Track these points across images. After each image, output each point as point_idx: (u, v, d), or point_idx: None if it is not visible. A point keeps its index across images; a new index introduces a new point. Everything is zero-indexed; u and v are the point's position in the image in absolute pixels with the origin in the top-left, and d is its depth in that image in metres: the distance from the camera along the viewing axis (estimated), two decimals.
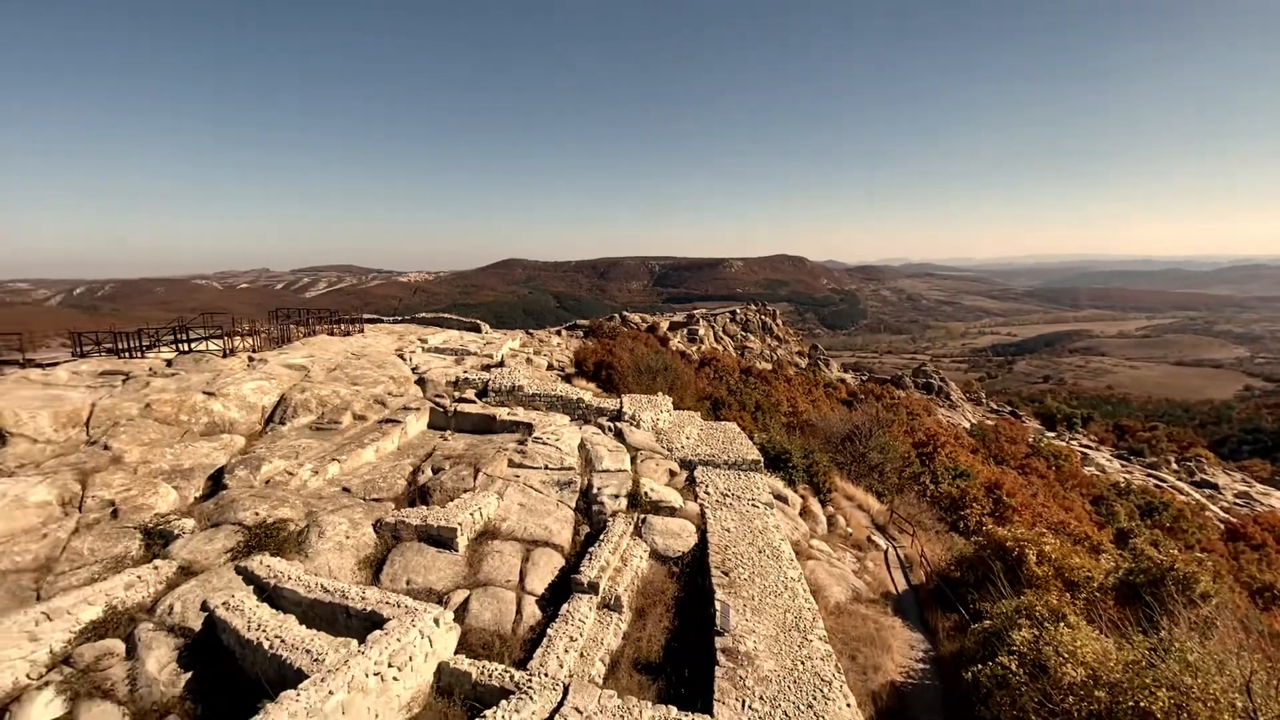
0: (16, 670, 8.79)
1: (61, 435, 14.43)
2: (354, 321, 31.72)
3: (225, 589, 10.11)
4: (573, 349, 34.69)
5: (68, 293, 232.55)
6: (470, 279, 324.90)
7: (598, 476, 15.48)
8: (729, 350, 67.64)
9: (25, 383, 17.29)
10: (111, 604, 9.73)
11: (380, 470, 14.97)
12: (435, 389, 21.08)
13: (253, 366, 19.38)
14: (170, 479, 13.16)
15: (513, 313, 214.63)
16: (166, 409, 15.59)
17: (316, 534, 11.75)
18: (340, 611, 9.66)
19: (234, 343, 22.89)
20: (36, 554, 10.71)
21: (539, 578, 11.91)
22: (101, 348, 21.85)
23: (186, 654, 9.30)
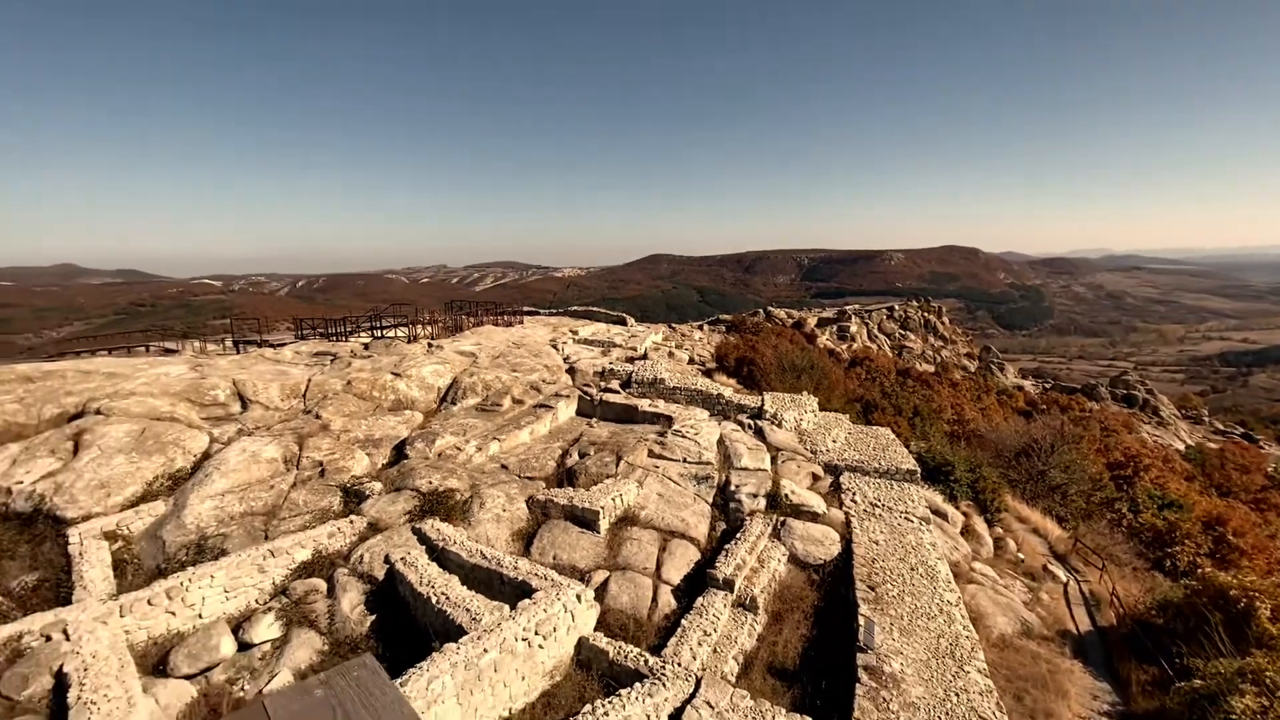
0: (249, 595, 10.76)
1: (286, 404, 17.34)
2: (515, 314, 34.37)
3: (403, 546, 11.51)
4: (714, 344, 34.60)
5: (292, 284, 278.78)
6: (618, 274, 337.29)
7: (736, 474, 15.30)
8: (884, 350, 63.25)
9: (262, 360, 21.02)
10: (318, 549, 11.52)
11: (533, 451, 16.10)
12: (583, 378, 22.18)
13: (431, 352, 21.80)
14: (364, 446, 15.24)
15: (656, 307, 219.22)
16: (363, 386, 18.07)
17: (478, 505, 12.94)
18: (495, 578, 10.55)
19: (416, 330, 25.91)
20: (266, 501, 12.98)
21: (675, 568, 12.08)
22: (316, 332, 25.86)
23: (372, 598, 10.74)
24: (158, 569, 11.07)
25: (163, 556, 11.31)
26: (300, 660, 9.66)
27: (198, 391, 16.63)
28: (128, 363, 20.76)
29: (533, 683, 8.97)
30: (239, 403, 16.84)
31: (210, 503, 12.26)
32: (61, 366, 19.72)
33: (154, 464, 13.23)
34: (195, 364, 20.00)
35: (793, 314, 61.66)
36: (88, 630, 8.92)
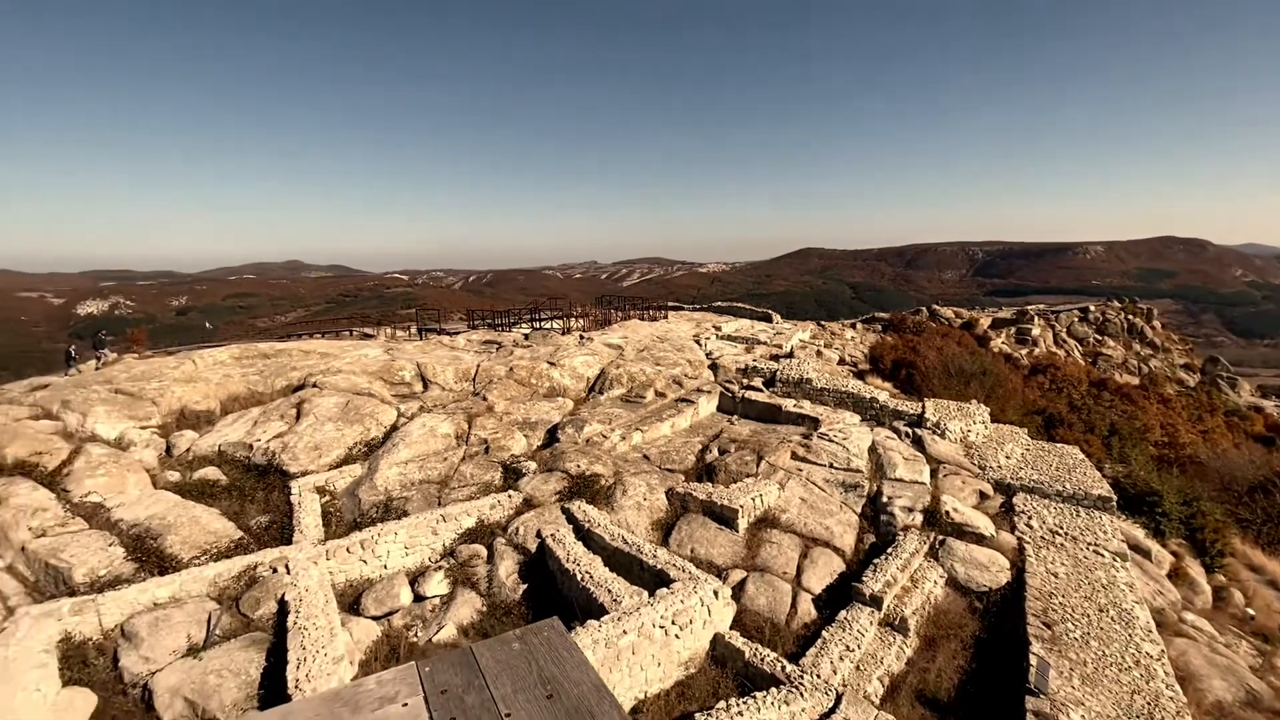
0: (424, 553, 12.13)
1: (458, 386, 19.29)
2: (660, 308, 35.07)
3: (553, 523, 12.29)
4: (868, 344, 32.56)
5: (465, 279, 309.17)
6: (763, 269, 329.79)
7: (889, 485, 14.31)
8: (1074, 357, 55.31)
9: (440, 346, 23.54)
10: (481, 518, 12.69)
11: (674, 444, 16.34)
12: (725, 374, 22.04)
13: (582, 344, 22.99)
14: (522, 428, 16.49)
15: (804, 303, 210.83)
16: (522, 373, 19.54)
17: (621, 491, 13.43)
18: (635, 563, 10.89)
19: (569, 323, 27.46)
20: (440, 471, 14.55)
21: (816, 576, 11.62)
22: (484, 322, 28.42)
23: (524, 568, 11.62)
24: (354, 522, 12.91)
25: (358, 512, 13.16)
26: (463, 617, 10.73)
27: (389, 372, 19.08)
28: (336, 345, 24.39)
29: (668, 670, 9.14)
30: (421, 383, 19.07)
31: (396, 469, 14.02)
32: (288, 346, 23.67)
33: (354, 432, 15.41)
34: (387, 348, 22.96)
35: (961, 313, 56.06)
36: (302, 568, 10.66)
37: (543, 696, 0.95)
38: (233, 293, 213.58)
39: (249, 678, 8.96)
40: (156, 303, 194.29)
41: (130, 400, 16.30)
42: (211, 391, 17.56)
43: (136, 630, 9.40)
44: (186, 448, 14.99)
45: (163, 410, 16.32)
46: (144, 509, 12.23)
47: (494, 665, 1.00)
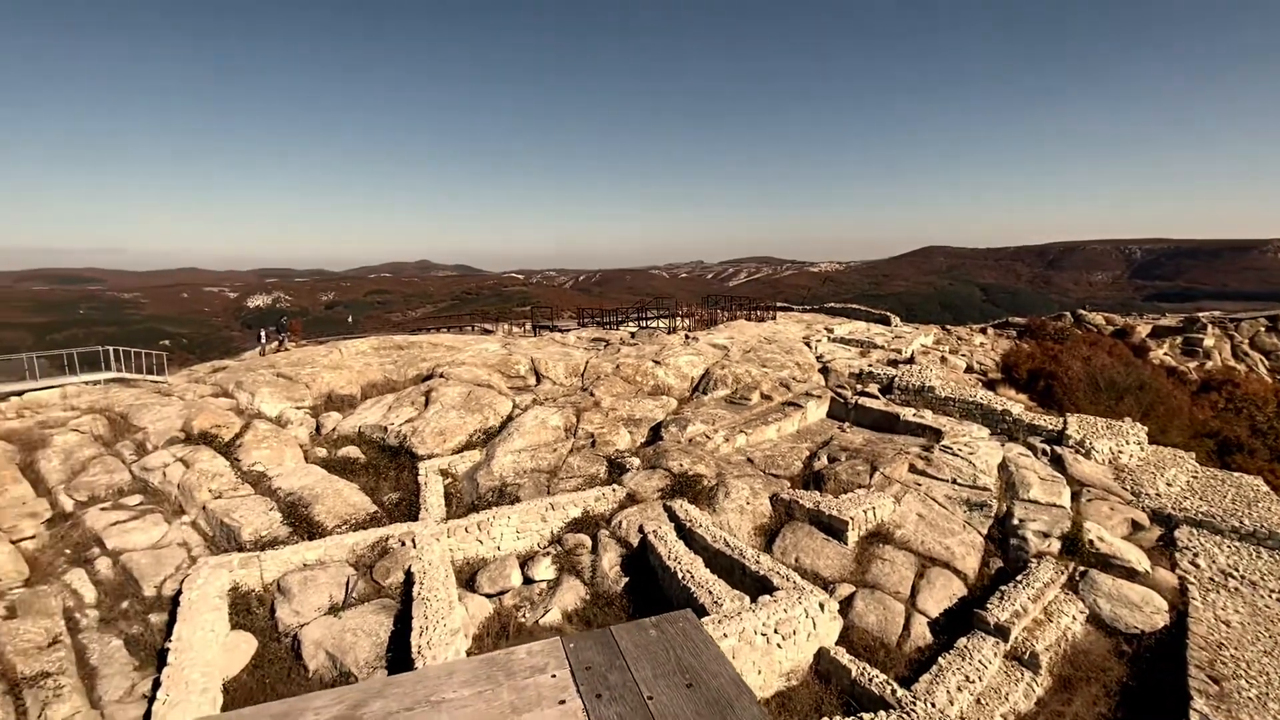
0: (533, 538, 12.71)
1: (568, 381, 20.01)
2: (768, 309, 34.32)
3: (655, 520, 12.42)
4: (1000, 351, 29.88)
5: (575, 279, 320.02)
6: (880, 269, 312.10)
7: (1021, 506, 13.05)
8: (1259, 372, 47.46)
9: (552, 342, 24.54)
10: (586, 510, 13.09)
11: (780, 449, 15.93)
12: (837, 379, 21.15)
13: (687, 343, 23.03)
14: (627, 424, 16.81)
15: (926, 305, 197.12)
16: (628, 370, 19.92)
17: (723, 493, 13.31)
18: (737, 567, 10.75)
19: (675, 323, 27.60)
20: (550, 462, 15.18)
21: (933, 599, 10.85)
22: (593, 320, 29.25)
23: (626, 562, 11.84)
24: (472, 504, 13.80)
25: (476, 495, 14.05)
26: (567, 603, 11.13)
27: (506, 365, 20.19)
28: (460, 339, 26.18)
29: (768, 679, 8.93)
30: (534, 377, 20.00)
31: (510, 457, 14.81)
32: (419, 339, 25.72)
33: (475, 420, 16.46)
34: (505, 343, 24.31)
35: (1113, 319, 49.92)
36: (427, 543, 11.55)
37: (682, 684, 0.96)
38: (372, 289, 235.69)
39: (379, 639, 9.86)
40: (310, 297, 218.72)
41: (288, 384, 18.48)
42: (354, 378, 19.48)
43: (289, 586, 10.64)
44: (332, 427, 16.75)
45: (314, 393, 18.34)
46: (297, 480, 13.82)
47: (633, 649, 1.03)
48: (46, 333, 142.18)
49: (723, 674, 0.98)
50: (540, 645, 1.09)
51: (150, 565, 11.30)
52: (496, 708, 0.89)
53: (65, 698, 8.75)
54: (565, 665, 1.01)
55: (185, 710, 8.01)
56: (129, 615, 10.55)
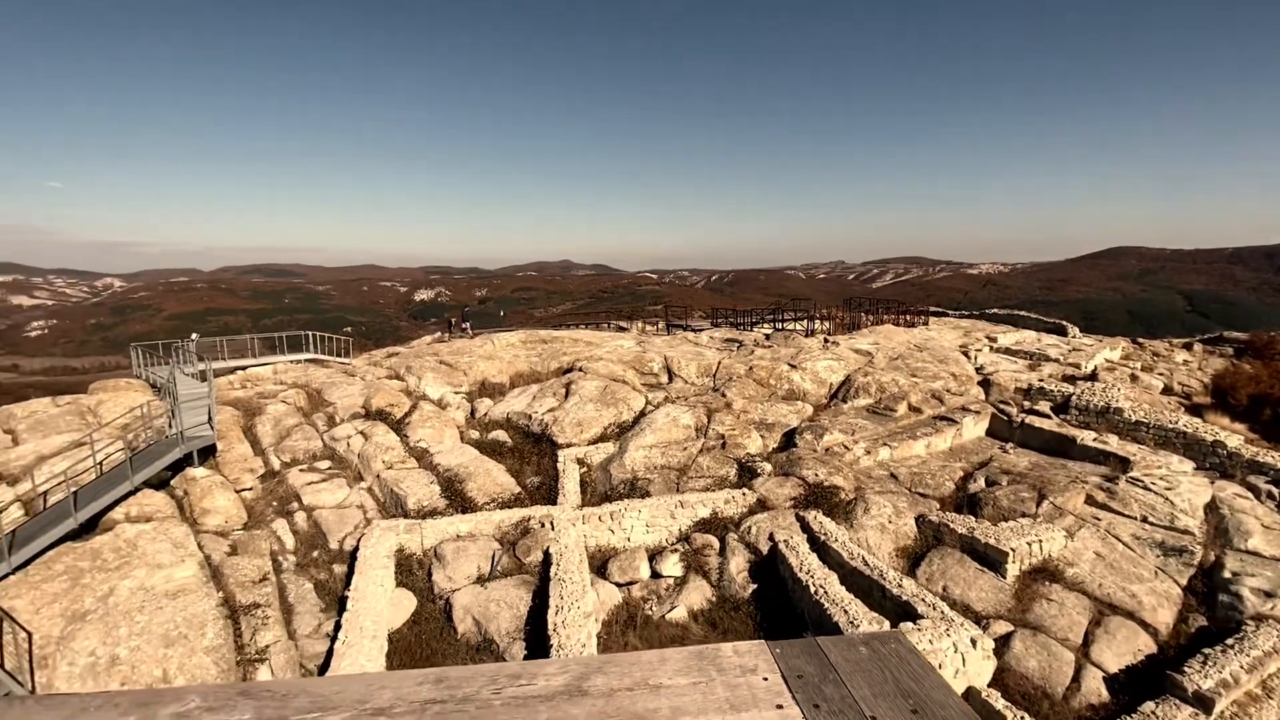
0: (662, 534, 12.88)
1: (699, 381, 20.04)
2: (918, 313, 31.87)
3: (786, 529, 12.05)
4: (1210, 371, 25.22)
5: (707, 279, 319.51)
6: (1054, 271, 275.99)
7: (1235, 557, 10.95)
8: None
9: (685, 341, 24.71)
10: (715, 511, 13.03)
11: (929, 466, 14.73)
12: (1000, 393, 19.11)
13: (826, 347, 22.06)
14: (758, 428, 16.48)
15: (1111, 314, 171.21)
16: (761, 373, 19.51)
17: (862, 509, 12.58)
18: (876, 588, 10.11)
19: (813, 325, 26.55)
20: (680, 460, 15.30)
21: (1111, 651, 9.46)
22: (727, 321, 29.02)
23: (754, 568, 11.61)
24: (604, 494, 14.31)
25: (608, 486, 14.55)
26: (693, 602, 11.16)
27: (640, 362, 20.68)
28: (597, 335, 27.23)
29: None
30: (667, 375, 20.28)
31: (641, 452, 15.14)
32: (560, 334, 27.12)
33: (609, 414, 17.04)
34: (639, 340, 24.91)
35: None
36: (564, 527, 12.16)
37: (906, 709, 0.90)
38: (519, 286, 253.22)
39: (519, 612, 10.55)
40: (466, 293, 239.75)
41: (449, 370, 20.37)
42: (504, 368, 21.03)
43: (444, 554, 11.73)
44: (484, 412, 18.21)
45: (470, 380, 20.05)
46: (454, 458, 15.19)
47: (845, 664, 0.99)
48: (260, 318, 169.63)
49: (951, 705, 0.90)
50: (746, 646, 1.08)
51: (335, 522, 13.04)
52: (713, 701, 0.89)
53: (270, 627, 10.36)
54: (775, 670, 0.99)
55: (360, 651, 9.14)
56: (318, 563, 12.25)
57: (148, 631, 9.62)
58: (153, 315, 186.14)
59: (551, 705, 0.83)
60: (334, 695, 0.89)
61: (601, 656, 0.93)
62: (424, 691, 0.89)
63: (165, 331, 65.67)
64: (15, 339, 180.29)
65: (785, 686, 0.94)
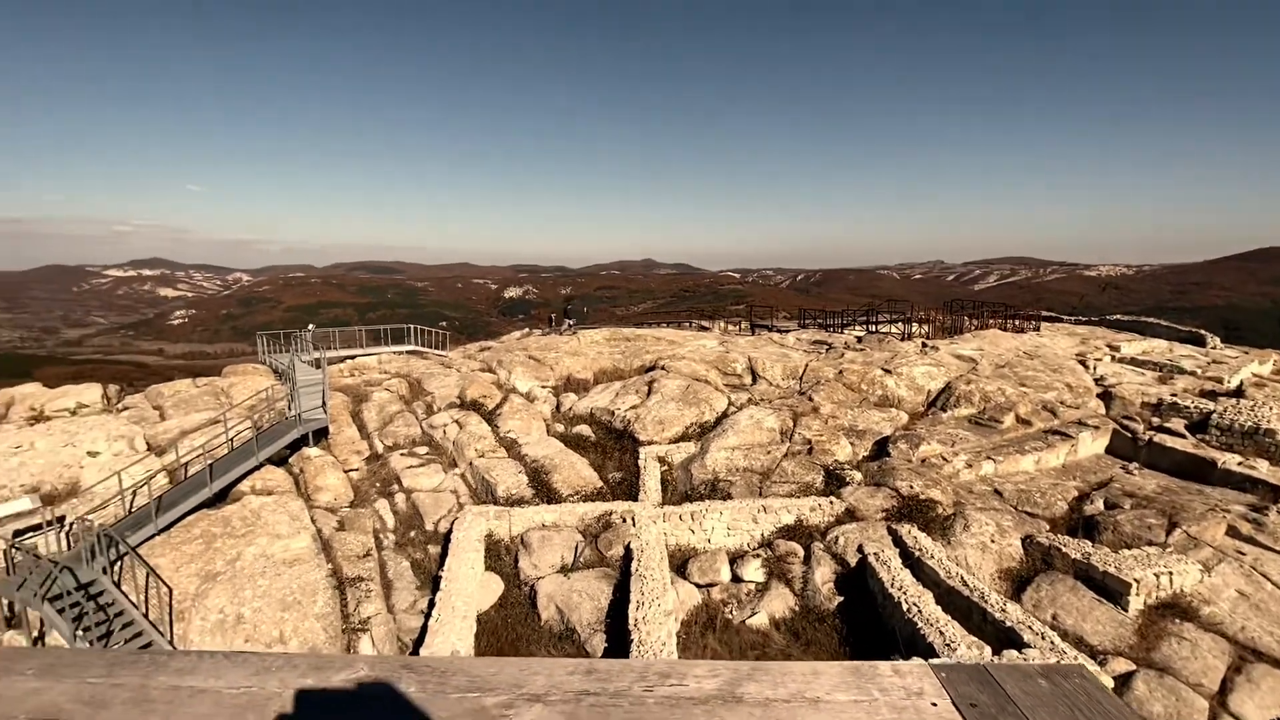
0: (743, 538, 12.67)
1: (784, 383, 19.55)
2: (1028, 318, 29.55)
3: (877, 541, 11.52)
4: None
5: (792, 278, 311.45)
6: (1189, 274, 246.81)
7: None
8: None
9: (770, 342, 24.19)
10: (800, 518, 12.66)
11: (1038, 484, 13.61)
12: (1124, 408, 17.35)
13: (924, 352, 20.89)
14: (848, 435, 15.86)
15: (1260, 323, 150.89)
16: (852, 377, 18.76)
17: (961, 525, 11.81)
18: (975, 611, 9.46)
19: (910, 328, 25.23)
20: (763, 464, 14.99)
21: (1254, 703, 8.36)
22: (815, 322, 28.13)
23: (840, 580, 11.18)
24: (685, 494, 14.26)
25: (689, 485, 14.49)
26: (775, 609, 10.90)
27: (723, 363, 20.46)
28: (680, 334, 27.21)
29: None
30: (750, 376, 19.95)
31: (724, 453, 14.97)
32: (643, 333, 27.32)
33: (691, 413, 16.98)
34: (722, 340, 24.64)
35: None
36: (644, 524, 12.23)
37: None
38: (602, 285, 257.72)
39: (599, 605, 10.72)
40: (552, 290, 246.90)
41: (537, 365, 21.02)
42: (588, 364, 21.45)
43: (530, 542, 12.11)
44: (569, 406, 18.65)
45: (556, 375, 20.61)
46: (540, 449, 15.65)
47: (1023, 696, 0.91)
48: (365, 311, 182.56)
49: None
50: (908, 666, 1.01)
51: (431, 505, 13.79)
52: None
53: (372, 600, 11.11)
54: (944, 695, 0.91)
55: (451, 630, 9.60)
56: (415, 543, 13.00)
57: (268, 595, 10.57)
58: (273, 307, 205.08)
59: (708, 710, 0.81)
60: (490, 676, 0.91)
61: (750, 663, 0.89)
62: (575, 681, 0.89)
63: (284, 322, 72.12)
64: (161, 326, 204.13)
65: (958, 715, 0.87)
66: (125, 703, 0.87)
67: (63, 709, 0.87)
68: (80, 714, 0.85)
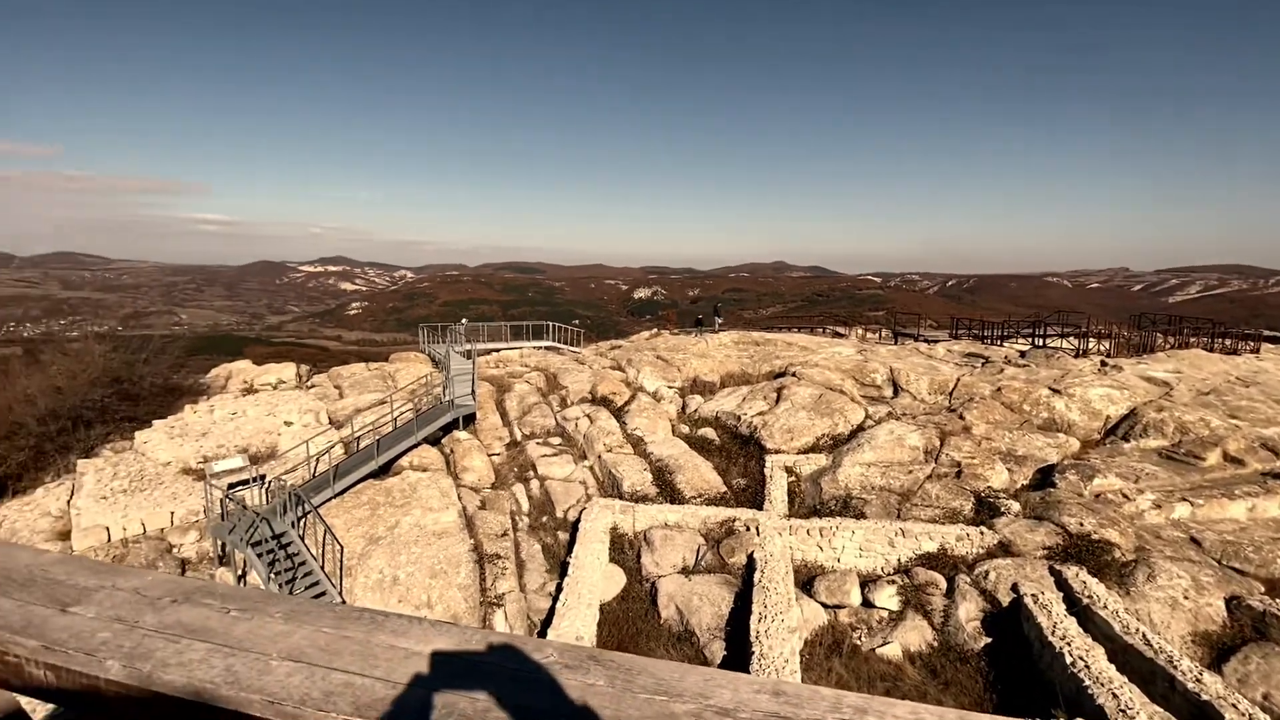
0: (877, 561, 11.89)
1: (931, 398, 18.08)
2: (1242, 337, 24.82)
3: (1035, 582, 10.27)
4: None
5: (941, 284, 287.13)
6: None
7: None
8: None
9: (916, 353, 22.50)
10: (943, 546, 11.64)
11: (1251, 535, 11.37)
12: None
13: (1103, 372, 18.30)
14: (1004, 460, 14.31)
15: None
16: (1013, 396, 16.90)
17: (1145, 575, 10.18)
18: (1161, 676, 8.10)
19: (1085, 345, 22.24)
20: (903, 483, 13.97)
21: None
22: (970, 333, 25.72)
23: (989, 620, 10.11)
24: (813, 508, 13.67)
25: (818, 499, 13.87)
26: (910, 641, 10.12)
27: (861, 372, 19.36)
28: (813, 340, 26.18)
29: None
30: (891, 388, 18.68)
31: (858, 469, 14.16)
32: (773, 337, 26.65)
33: (823, 424, 16.25)
34: (859, 348, 23.34)
35: None
36: (769, 534, 11.90)
37: None
38: (730, 287, 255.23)
39: (720, 611, 10.60)
40: (679, 291, 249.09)
41: (665, 365, 21.29)
42: (715, 367, 21.33)
43: (653, 539, 12.28)
44: (694, 408, 18.66)
45: (683, 376, 20.72)
46: (665, 449, 15.82)
47: None
48: (508, 308, 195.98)
49: None
50: None
51: (561, 493, 14.46)
52: None
53: (507, 578, 11.88)
54: None
55: (577, 615, 9.99)
56: (546, 528, 13.72)
57: (419, 562, 11.70)
58: (430, 302, 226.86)
59: None
60: (674, 681, 0.90)
61: (956, 711, 0.80)
62: (764, 701, 0.86)
63: (439, 315, 79.90)
64: (340, 315, 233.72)
65: None
66: (353, 654, 0.97)
67: (304, 652, 0.98)
68: (319, 659, 0.96)
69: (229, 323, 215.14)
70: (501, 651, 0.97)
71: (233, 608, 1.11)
